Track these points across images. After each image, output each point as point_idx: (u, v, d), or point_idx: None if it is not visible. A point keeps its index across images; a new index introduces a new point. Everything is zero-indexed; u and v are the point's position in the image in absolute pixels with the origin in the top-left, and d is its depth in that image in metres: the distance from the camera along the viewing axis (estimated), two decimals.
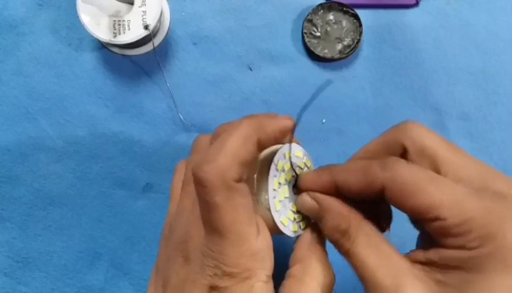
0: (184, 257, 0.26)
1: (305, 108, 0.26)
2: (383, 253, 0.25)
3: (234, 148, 0.24)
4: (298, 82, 0.45)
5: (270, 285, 0.26)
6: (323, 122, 0.45)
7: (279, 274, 0.28)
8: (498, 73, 0.45)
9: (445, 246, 0.24)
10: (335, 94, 0.45)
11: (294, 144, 0.31)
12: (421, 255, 0.25)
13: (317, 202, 0.28)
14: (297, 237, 0.30)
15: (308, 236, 0.29)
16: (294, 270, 0.27)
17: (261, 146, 0.26)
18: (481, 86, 0.45)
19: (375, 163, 0.25)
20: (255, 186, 0.29)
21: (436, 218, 0.23)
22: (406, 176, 0.24)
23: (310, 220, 0.30)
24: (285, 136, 0.28)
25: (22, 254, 0.43)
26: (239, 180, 0.25)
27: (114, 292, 0.43)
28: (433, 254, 0.24)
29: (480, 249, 0.22)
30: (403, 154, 0.27)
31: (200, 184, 0.24)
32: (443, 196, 0.23)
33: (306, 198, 0.28)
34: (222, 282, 0.24)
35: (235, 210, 0.24)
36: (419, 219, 0.24)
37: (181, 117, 0.44)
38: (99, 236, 0.43)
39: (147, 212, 0.44)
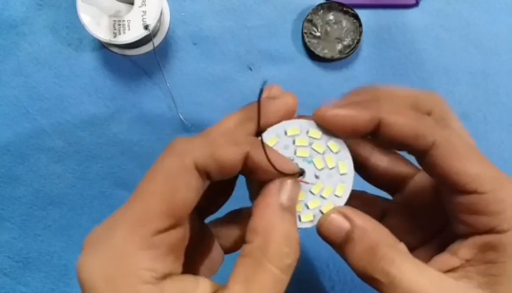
0: None
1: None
2: (431, 276, 0.22)
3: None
4: (298, 82, 0.45)
5: None
6: None
7: None
8: (498, 73, 0.45)
9: (471, 232, 0.22)
10: (335, 94, 0.45)
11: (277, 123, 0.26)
12: (452, 259, 0.23)
13: (350, 221, 0.23)
14: (255, 193, 0.23)
15: (273, 197, 0.22)
16: (253, 247, 0.21)
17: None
18: (481, 86, 0.45)
19: (429, 118, 0.23)
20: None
21: (475, 191, 0.22)
22: (461, 140, 0.23)
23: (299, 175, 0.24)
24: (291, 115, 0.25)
25: (22, 254, 0.43)
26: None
27: None
28: (464, 251, 0.23)
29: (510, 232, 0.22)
30: None
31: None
32: (487, 172, 0.22)
33: (337, 218, 0.23)
34: None
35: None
36: (455, 189, 0.22)
37: (181, 117, 0.44)
38: None
39: None
